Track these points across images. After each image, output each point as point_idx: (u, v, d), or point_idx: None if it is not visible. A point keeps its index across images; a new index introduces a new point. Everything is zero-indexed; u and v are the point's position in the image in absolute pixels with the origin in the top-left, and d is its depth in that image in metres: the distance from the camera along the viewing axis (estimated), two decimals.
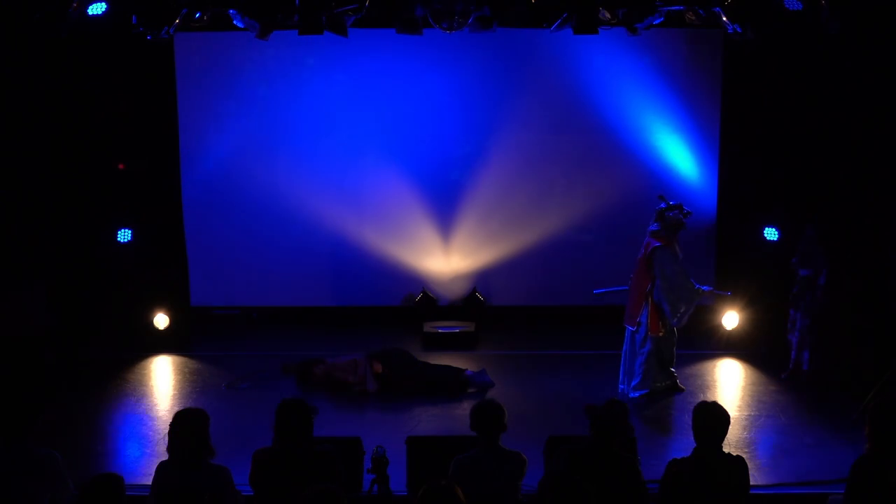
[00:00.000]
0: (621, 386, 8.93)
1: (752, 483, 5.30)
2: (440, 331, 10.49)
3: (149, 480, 5.32)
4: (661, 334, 8.70)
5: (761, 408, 8.58)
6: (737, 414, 8.27)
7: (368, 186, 11.00)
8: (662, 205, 8.86)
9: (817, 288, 9.02)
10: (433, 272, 11.15)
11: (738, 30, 8.56)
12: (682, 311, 8.68)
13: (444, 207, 11.01)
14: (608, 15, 8.44)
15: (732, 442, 7.52)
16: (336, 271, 11.12)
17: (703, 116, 10.78)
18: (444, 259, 11.14)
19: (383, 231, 11.04)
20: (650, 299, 8.70)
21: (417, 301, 11.10)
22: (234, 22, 8.59)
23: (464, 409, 5.56)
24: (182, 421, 5.15)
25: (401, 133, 10.92)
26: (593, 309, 10.53)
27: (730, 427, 5.28)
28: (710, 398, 6.36)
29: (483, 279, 11.15)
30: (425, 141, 10.93)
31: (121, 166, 10.64)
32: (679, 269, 8.71)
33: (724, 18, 8.51)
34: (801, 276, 9.13)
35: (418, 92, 10.86)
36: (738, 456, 5.30)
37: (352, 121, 10.90)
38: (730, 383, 9.41)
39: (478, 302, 11.10)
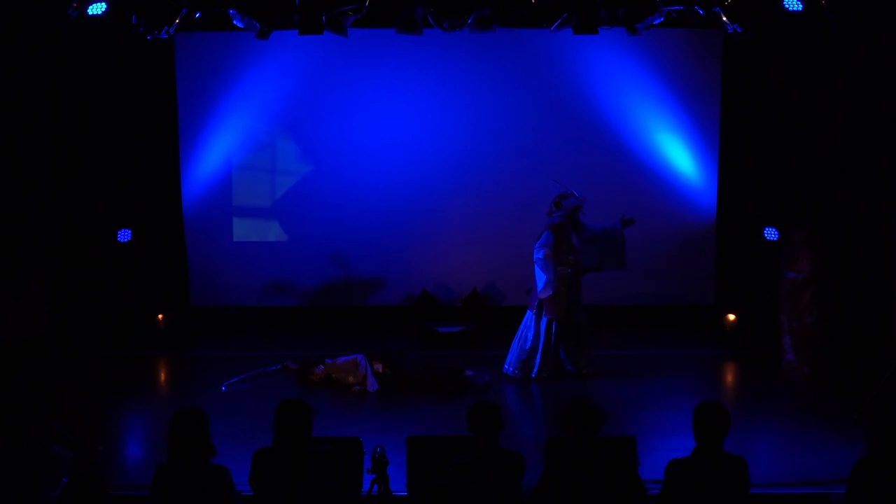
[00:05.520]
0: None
1: (751, 483, 5.30)
2: (440, 331, 10.49)
3: (149, 480, 5.32)
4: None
5: (761, 408, 8.58)
6: (737, 414, 8.25)
7: (368, 186, 11.01)
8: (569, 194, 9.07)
9: (806, 290, 9.00)
10: (433, 272, 11.15)
11: (738, 30, 8.56)
12: None
13: (445, 207, 11.02)
14: (608, 15, 8.44)
15: (732, 442, 7.50)
16: (336, 271, 11.12)
17: (703, 116, 10.79)
18: (444, 259, 11.14)
19: (383, 231, 11.04)
20: None
21: (417, 301, 11.10)
22: (234, 22, 8.60)
23: (464, 409, 5.54)
24: (182, 421, 5.15)
25: (400, 132, 10.93)
26: (593, 308, 10.52)
27: (730, 427, 5.27)
28: (709, 398, 6.34)
29: (483, 279, 11.15)
30: (425, 140, 10.94)
31: None
32: None
33: (724, 18, 8.52)
34: (787, 277, 9.11)
35: (418, 92, 10.87)
36: (738, 456, 5.29)
37: (351, 120, 10.91)
38: (730, 383, 9.41)
39: (478, 302, 11.09)
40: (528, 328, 9.10)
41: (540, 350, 9.03)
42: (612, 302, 10.21)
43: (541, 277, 8.97)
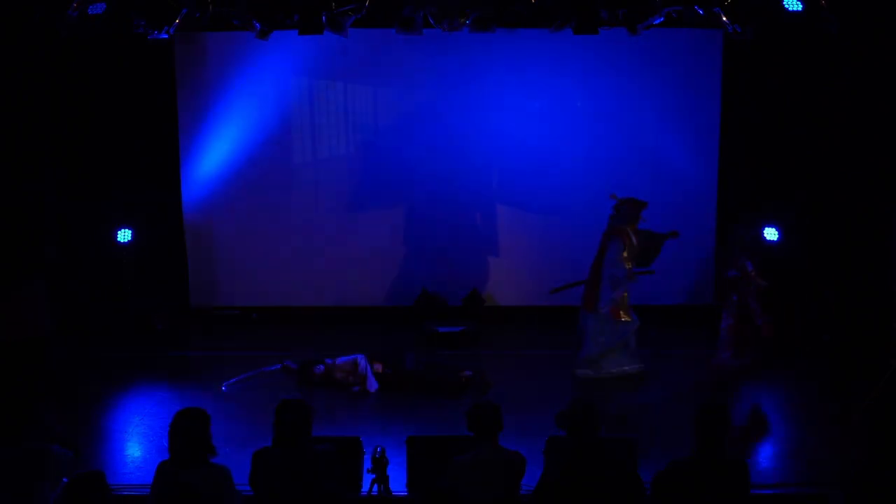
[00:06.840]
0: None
1: (752, 483, 5.30)
2: (440, 330, 10.48)
3: (149, 480, 5.32)
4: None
5: (761, 408, 8.58)
6: (737, 414, 8.26)
7: (368, 186, 11.01)
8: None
9: (750, 288, 9.02)
10: (433, 272, 11.15)
11: (738, 30, 8.55)
12: None
13: (445, 207, 11.01)
14: (608, 15, 8.44)
15: (731, 443, 7.50)
16: (336, 271, 11.12)
17: (703, 116, 10.78)
18: (445, 259, 11.14)
19: (383, 231, 11.04)
20: None
21: (417, 301, 11.09)
22: (234, 22, 8.59)
23: (464, 409, 5.55)
24: (182, 421, 5.15)
25: (400, 133, 10.92)
26: None
27: (730, 428, 5.27)
28: (710, 399, 6.35)
29: (483, 279, 11.15)
30: (424, 141, 10.93)
31: None
32: None
33: (724, 18, 8.51)
34: (728, 276, 9.14)
35: (418, 92, 10.86)
36: (738, 458, 5.29)
37: (351, 120, 10.91)
38: (730, 383, 9.40)
39: (478, 302, 11.09)
40: (593, 329, 9.17)
41: (606, 348, 9.16)
42: None
43: (607, 293, 9.07)
